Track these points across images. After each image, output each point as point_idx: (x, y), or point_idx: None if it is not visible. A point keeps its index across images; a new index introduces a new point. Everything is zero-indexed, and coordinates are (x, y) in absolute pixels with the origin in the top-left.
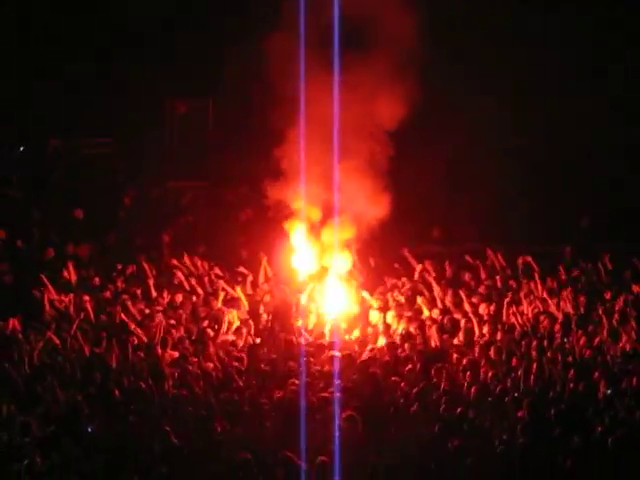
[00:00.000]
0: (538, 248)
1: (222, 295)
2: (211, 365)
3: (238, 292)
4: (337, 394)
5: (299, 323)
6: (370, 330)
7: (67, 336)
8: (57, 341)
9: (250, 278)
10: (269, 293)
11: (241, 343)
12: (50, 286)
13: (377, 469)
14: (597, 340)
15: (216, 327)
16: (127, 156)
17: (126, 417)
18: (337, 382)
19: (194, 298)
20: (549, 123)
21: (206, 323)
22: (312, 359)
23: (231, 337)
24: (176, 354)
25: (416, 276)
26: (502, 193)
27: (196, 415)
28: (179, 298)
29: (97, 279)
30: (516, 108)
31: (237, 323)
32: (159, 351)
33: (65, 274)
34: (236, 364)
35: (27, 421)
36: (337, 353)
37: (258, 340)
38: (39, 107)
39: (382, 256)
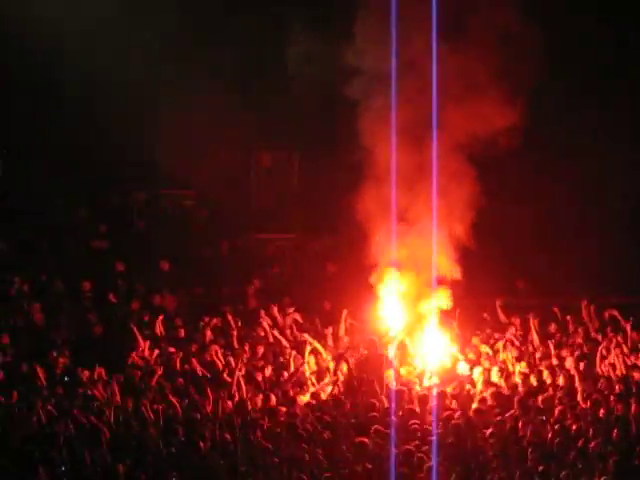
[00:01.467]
0: (625, 300)
1: (307, 349)
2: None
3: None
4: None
5: (389, 374)
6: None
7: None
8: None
9: (330, 330)
10: (351, 346)
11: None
12: (139, 337)
13: None
14: None
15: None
16: (211, 208)
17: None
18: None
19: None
20: None
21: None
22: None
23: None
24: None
25: (509, 332)
26: (595, 245)
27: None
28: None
29: (182, 331)
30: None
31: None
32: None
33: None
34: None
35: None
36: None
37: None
38: (124, 158)
39: (470, 308)
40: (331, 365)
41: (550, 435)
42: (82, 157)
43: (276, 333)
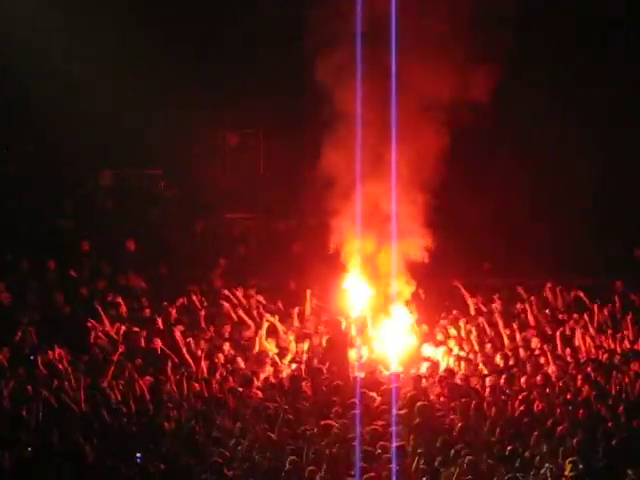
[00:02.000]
0: (590, 281)
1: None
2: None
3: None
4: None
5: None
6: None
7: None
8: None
9: (296, 310)
10: (316, 327)
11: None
12: (104, 317)
13: None
14: None
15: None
16: (178, 188)
17: (176, 447)
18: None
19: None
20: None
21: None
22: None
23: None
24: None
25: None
26: (554, 226)
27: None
28: (227, 330)
29: (148, 310)
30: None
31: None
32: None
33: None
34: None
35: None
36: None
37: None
38: (91, 138)
39: (435, 288)
40: (293, 346)
41: (516, 415)
42: (49, 136)
43: (240, 313)
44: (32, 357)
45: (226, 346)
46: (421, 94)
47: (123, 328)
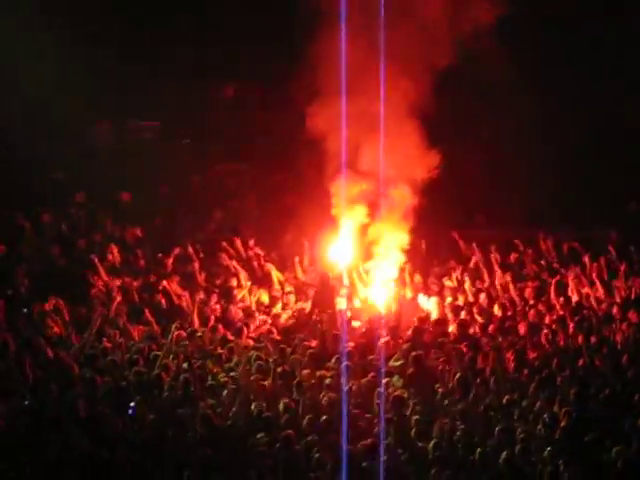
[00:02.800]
0: (585, 233)
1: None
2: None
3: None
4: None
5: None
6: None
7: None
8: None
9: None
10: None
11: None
12: (100, 269)
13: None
14: None
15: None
16: (175, 139)
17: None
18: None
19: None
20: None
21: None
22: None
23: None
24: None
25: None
26: (547, 177)
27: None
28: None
29: (142, 262)
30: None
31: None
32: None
33: (110, 257)
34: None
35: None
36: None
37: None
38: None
39: (430, 238)
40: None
41: (512, 365)
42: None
43: (235, 264)
44: (25, 309)
45: (215, 298)
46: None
47: (118, 281)
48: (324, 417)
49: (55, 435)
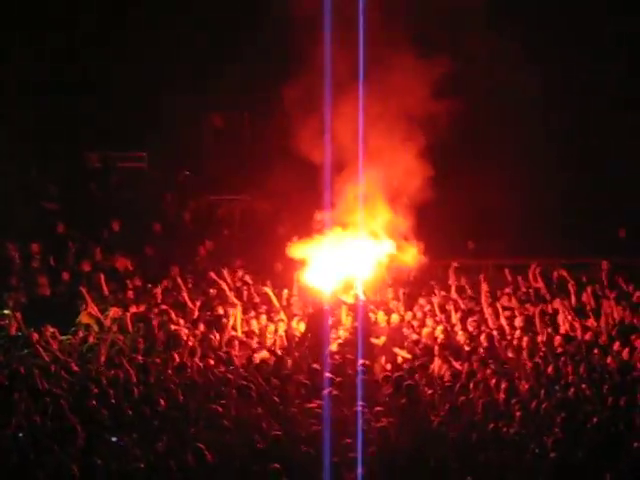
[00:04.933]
0: (574, 261)
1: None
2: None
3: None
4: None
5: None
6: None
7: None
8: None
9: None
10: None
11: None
12: (88, 299)
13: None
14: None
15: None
16: (162, 170)
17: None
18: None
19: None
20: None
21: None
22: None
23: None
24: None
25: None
26: (537, 206)
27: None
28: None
29: (131, 292)
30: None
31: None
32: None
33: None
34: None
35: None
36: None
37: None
38: (74, 121)
39: (418, 269)
40: (272, 327)
41: (501, 394)
42: (36, 120)
43: (228, 292)
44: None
45: (201, 328)
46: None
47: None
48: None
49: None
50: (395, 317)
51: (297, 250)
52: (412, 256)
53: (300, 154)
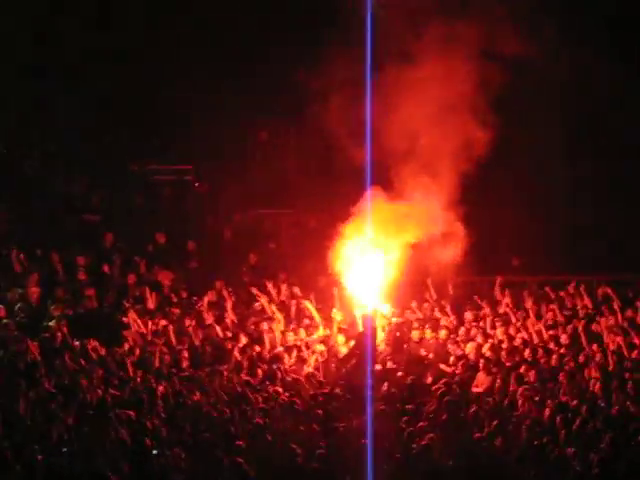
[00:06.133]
0: (618, 277)
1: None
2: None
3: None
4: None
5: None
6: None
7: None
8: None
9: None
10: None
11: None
12: (132, 312)
13: None
14: None
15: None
16: (209, 183)
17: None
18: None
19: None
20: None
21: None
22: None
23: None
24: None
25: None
26: (581, 221)
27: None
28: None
29: (176, 307)
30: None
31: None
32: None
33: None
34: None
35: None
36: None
37: None
38: (119, 133)
39: (460, 286)
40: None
41: (546, 411)
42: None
43: (269, 307)
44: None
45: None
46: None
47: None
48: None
49: None
50: (442, 333)
51: (339, 264)
52: (455, 271)
53: (343, 169)
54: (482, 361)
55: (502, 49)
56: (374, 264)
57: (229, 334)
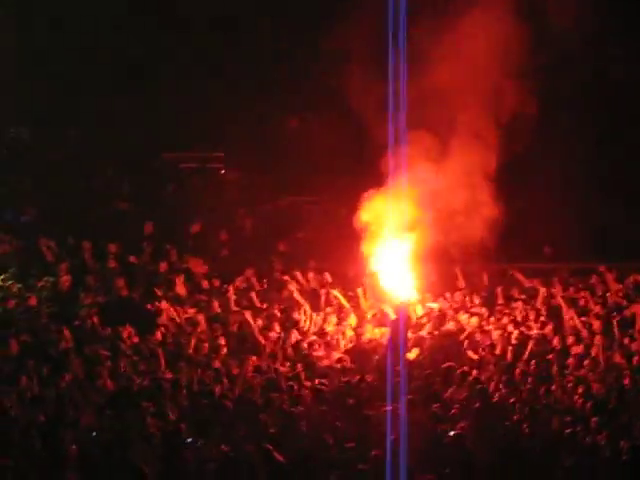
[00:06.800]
0: None
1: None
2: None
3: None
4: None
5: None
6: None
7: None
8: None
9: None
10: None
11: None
12: (164, 300)
13: None
14: None
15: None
16: (239, 170)
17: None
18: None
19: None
20: None
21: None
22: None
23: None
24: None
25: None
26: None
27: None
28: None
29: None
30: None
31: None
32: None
33: (176, 288)
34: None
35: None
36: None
37: None
38: (151, 121)
39: (489, 273)
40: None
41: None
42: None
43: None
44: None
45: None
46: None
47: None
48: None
49: None
50: (474, 320)
51: (370, 254)
52: (485, 259)
53: (372, 158)
54: (510, 349)
55: None
56: (404, 251)
57: (260, 322)
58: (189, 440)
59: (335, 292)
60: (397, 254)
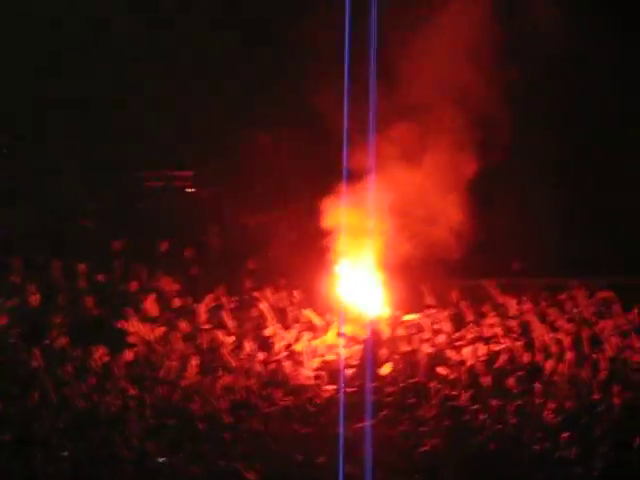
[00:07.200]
0: (620, 280)
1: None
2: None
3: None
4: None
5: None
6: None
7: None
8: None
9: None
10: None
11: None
12: (133, 318)
13: None
14: None
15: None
16: (209, 188)
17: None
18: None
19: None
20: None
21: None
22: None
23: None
24: None
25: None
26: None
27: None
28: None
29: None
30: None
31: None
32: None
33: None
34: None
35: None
36: None
37: None
38: (120, 139)
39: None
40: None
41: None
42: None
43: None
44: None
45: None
46: None
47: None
48: None
49: None
50: (441, 338)
51: (338, 268)
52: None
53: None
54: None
55: None
56: (372, 267)
57: (230, 340)
58: (162, 460)
59: (307, 312)
60: (365, 270)
